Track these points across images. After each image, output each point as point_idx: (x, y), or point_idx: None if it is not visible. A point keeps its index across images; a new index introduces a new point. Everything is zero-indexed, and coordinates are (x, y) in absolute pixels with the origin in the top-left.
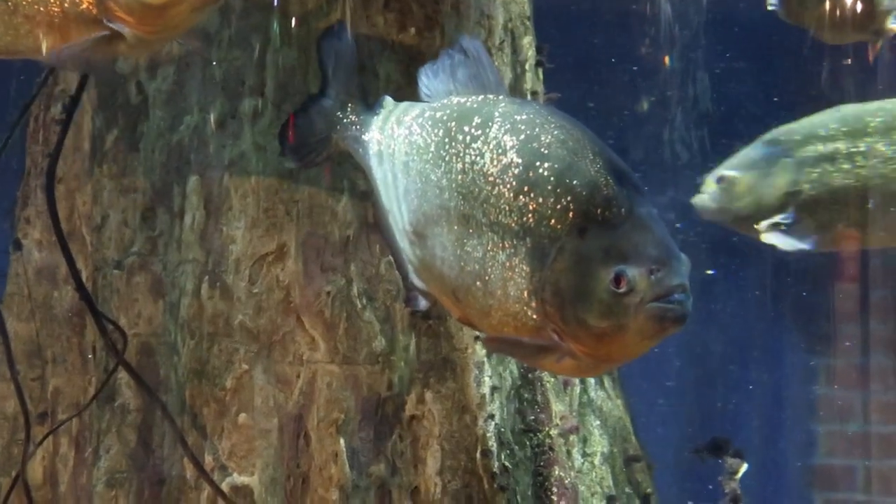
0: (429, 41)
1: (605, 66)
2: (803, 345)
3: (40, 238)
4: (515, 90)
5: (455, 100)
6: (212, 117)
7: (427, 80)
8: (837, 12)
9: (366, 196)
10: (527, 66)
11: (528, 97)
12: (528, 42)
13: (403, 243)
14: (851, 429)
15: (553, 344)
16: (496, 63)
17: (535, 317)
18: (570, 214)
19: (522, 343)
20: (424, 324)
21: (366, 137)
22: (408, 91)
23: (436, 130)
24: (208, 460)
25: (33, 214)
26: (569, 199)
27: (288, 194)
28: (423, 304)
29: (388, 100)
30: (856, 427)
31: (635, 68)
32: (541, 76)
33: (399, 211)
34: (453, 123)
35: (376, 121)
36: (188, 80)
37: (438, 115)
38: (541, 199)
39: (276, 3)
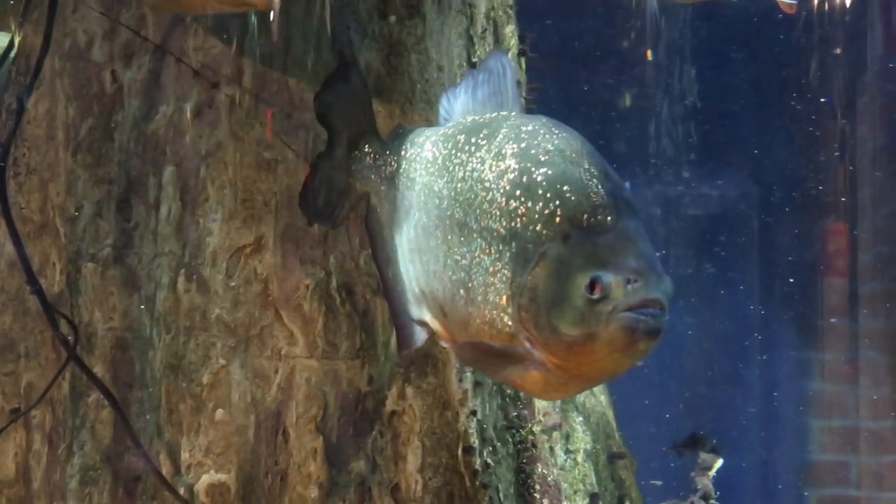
0: (410, 29)
1: (589, 55)
2: (795, 338)
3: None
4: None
5: (469, 118)
6: (188, 107)
7: (447, 104)
8: None
9: None
10: (510, 56)
11: None
12: (510, 31)
13: (405, 268)
14: (844, 424)
15: (524, 352)
16: (478, 51)
17: (510, 323)
18: (557, 220)
19: (492, 349)
20: None
21: (380, 162)
22: (388, 80)
23: (445, 144)
24: (185, 457)
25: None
26: (556, 203)
27: (266, 185)
28: (420, 338)
29: (404, 126)
30: (849, 422)
31: (619, 59)
32: (524, 65)
33: (402, 231)
34: (462, 136)
35: (391, 146)
36: (163, 70)
37: (450, 131)
38: (530, 203)
39: None
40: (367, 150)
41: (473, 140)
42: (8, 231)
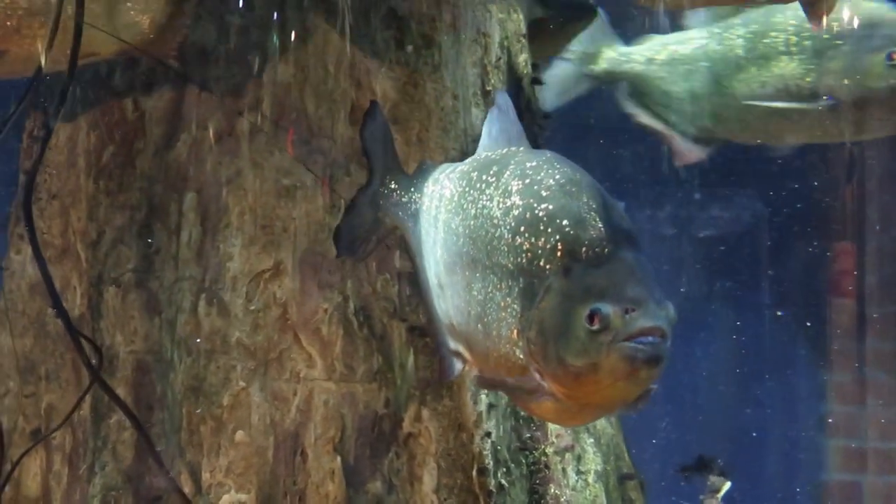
0: (426, 58)
1: None
2: (812, 358)
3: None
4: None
5: (483, 154)
6: (208, 134)
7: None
8: None
9: None
10: (523, 84)
11: (524, 114)
12: (524, 60)
13: (437, 301)
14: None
15: (535, 385)
16: (492, 80)
17: (521, 356)
18: (558, 254)
19: (507, 384)
20: (421, 341)
21: (405, 199)
22: (404, 108)
23: (461, 182)
24: (205, 477)
25: (26, 230)
26: (557, 238)
27: (285, 211)
28: (457, 369)
29: (427, 162)
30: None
31: None
32: (536, 94)
33: (430, 266)
34: (475, 174)
35: (415, 183)
36: (184, 98)
37: (466, 168)
38: (533, 239)
39: (275, 19)
40: (392, 186)
41: (484, 177)
42: (34, 255)
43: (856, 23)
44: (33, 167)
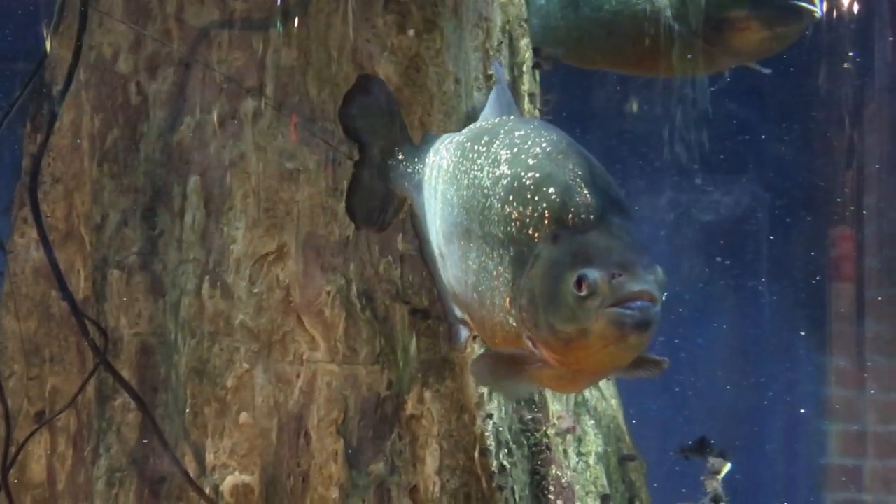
0: (428, 43)
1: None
2: (805, 343)
3: (38, 237)
4: (513, 92)
5: (478, 124)
6: (212, 118)
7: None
8: None
9: None
10: (524, 69)
11: (526, 99)
12: (525, 44)
13: (442, 271)
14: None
15: (529, 353)
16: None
17: (514, 324)
18: (545, 221)
19: (501, 356)
20: (423, 324)
21: (410, 170)
22: (406, 93)
23: (456, 152)
24: (210, 458)
25: (31, 214)
26: (544, 205)
27: (288, 194)
28: (463, 335)
29: (431, 135)
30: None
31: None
32: (538, 78)
33: (433, 236)
34: (468, 144)
35: (419, 154)
36: (188, 81)
37: (462, 138)
38: (521, 207)
39: (278, 4)
40: (399, 157)
41: (476, 147)
42: (40, 239)
43: None
44: (38, 151)
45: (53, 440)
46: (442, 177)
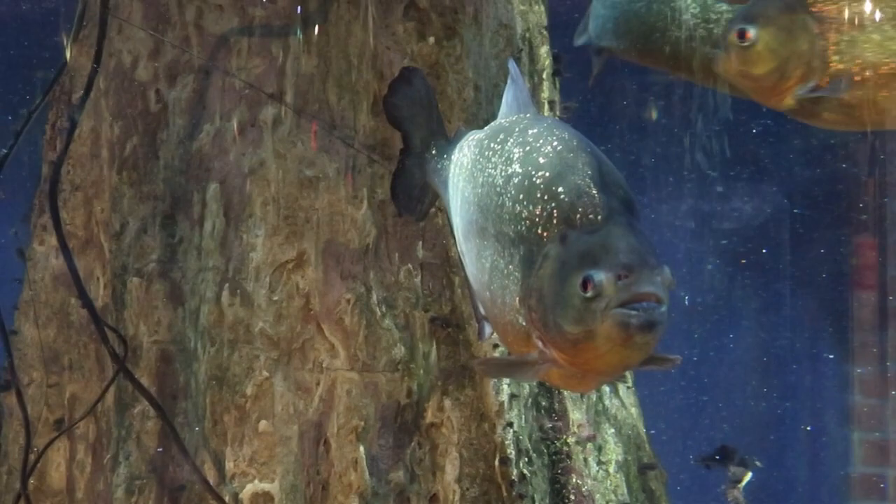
0: (448, 50)
1: (621, 74)
2: (828, 351)
3: (57, 245)
4: (532, 99)
5: (498, 121)
6: (232, 125)
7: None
8: None
9: (384, 204)
10: (544, 76)
11: (546, 106)
12: (545, 52)
13: (466, 267)
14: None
15: (538, 353)
16: None
17: (524, 324)
18: (554, 221)
19: (502, 361)
20: (443, 332)
21: (439, 166)
22: None
23: (474, 150)
24: (229, 466)
25: (50, 221)
26: (553, 205)
27: (308, 202)
28: (487, 331)
29: (462, 129)
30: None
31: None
32: (557, 85)
33: (456, 233)
34: (486, 142)
35: (448, 150)
36: (208, 89)
37: (480, 136)
38: (531, 207)
39: (298, 11)
40: (433, 152)
41: (492, 145)
42: (60, 246)
43: None
44: (58, 158)
45: (73, 448)
46: (462, 174)
